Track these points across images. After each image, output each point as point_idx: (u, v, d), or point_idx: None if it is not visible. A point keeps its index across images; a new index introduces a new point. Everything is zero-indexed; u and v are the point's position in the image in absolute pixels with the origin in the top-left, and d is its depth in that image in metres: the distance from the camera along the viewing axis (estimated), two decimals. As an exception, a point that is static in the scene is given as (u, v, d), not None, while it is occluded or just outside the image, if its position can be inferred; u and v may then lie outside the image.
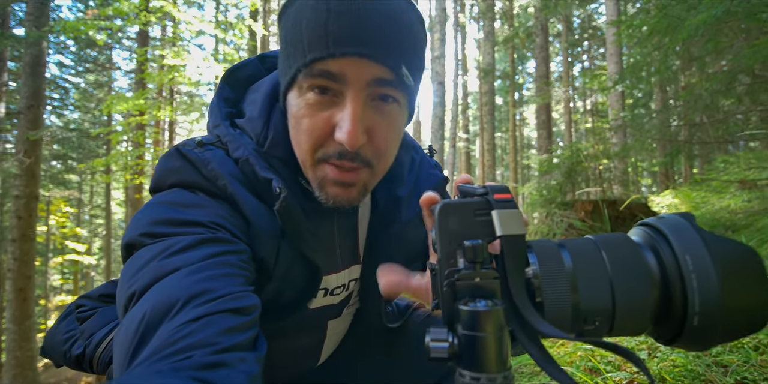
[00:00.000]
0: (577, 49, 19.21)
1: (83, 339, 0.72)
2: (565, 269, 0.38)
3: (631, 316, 0.36)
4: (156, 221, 0.56)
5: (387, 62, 0.55)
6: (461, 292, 0.36)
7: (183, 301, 0.45)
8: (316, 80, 0.56)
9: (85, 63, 16.56)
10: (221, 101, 0.69)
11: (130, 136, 9.13)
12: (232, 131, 0.64)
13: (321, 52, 0.54)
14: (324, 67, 0.55)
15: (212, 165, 0.61)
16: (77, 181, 18.36)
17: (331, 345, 0.86)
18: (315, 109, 0.58)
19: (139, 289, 0.49)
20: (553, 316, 0.37)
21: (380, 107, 0.59)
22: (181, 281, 0.47)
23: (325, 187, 0.62)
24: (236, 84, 0.71)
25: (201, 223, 0.55)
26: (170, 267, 0.49)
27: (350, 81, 0.56)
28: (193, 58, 7.44)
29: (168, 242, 0.53)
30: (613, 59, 8.65)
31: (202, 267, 0.49)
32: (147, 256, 0.52)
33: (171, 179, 0.62)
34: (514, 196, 0.73)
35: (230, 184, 0.60)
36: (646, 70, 4.61)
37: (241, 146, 0.62)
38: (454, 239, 0.39)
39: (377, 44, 0.54)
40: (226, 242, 0.55)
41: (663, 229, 0.38)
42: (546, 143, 10.34)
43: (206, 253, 0.51)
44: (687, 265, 0.35)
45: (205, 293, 0.46)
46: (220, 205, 0.59)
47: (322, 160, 0.60)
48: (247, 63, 0.73)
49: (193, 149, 0.63)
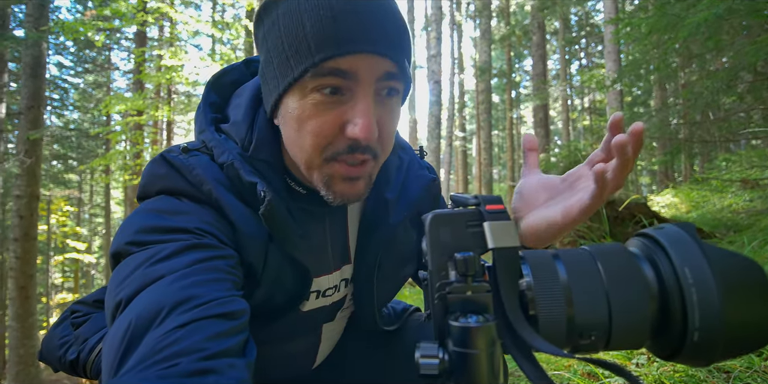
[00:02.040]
0: (574, 46, 19.19)
1: (77, 344, 0.72)
2: (559, 281, 0.36)
3: (629, 330, 0.35)
4: (142, 229, 0.55)
5: (393, 57, 0.57)
6: (452, 306, 0.36)
7: (169, 308, 0.45)
8: (326, 79, 0.56)
9: (84, 63, 16.55)
10: (207, 107, 0.69)
11: (129, 136, 9.11)
12: (216, 136, 0.64)
13: (332, 51, 0.54)
14: (335, 65, 0.55)
15: (197, 171, 0.60)
16: (77, 181, 18.37)
17: (326, 348, 0.86)
18: (321, 109, 0.58)
19: (125, 298, 0.48)
20: (548, 330, 0.36)
21: (384, 101, 0.60)
22: (167, 288, 0.47)
23: (333, 185, 0.61)
24: (222, 89, 0.71)
25: (187, 230, 0.55)
26: (156, 274, 0.49)
27: (361, 78, 0.56)
28: (191, 58, 7.41)
29: (153, 250, 0.52)
30: (611, 57, 8.61)
31: (188, 273, 0.49)
32: (133, 265, 0.52)
33: (157, 186, 0.62)
34: (508, 199, 0.72)
35: (215, 190, 0.59)
36: (645, 68, 4.59)
37: (225, 151, 0.62)
38: (446, 251, 0.38)
39: (383, 40, 0.56)
40: (212, 248, 0.54)
41: (661, 240, 0.36)
42: (543, 142, 10.32)
43: (192, 259, 0.51)
44: (686, 278, 0.34)
45: (191, 299, 0.46)
46: (205, 210, 0.59)
47: (331, 158, 0.60)
48: (232, 68, 0.73)
49: (178, 155, 0.62)
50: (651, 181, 17.55)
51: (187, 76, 7.67)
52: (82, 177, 18.05)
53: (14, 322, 6.28)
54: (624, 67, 5.26)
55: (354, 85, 0.57)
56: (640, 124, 0.49)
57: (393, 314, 0.93)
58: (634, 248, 0.39)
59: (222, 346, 0.43)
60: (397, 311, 0.94)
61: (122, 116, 10.81)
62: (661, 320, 0.35)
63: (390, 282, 0.80)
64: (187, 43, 13.38)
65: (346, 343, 0.90)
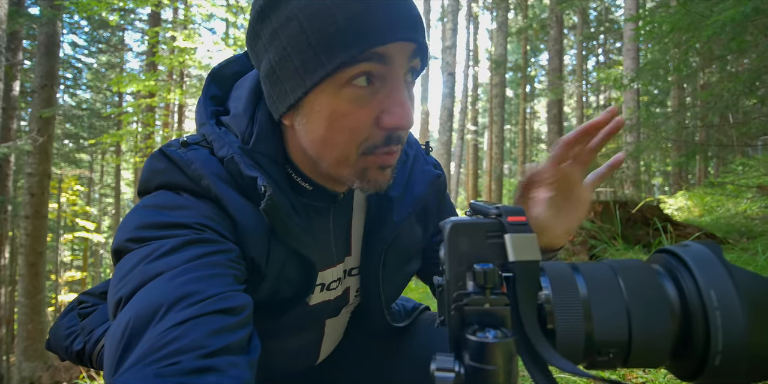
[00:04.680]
0: (592, 42, 18.88)
1: (84, 335, 0.73)
2: (579, 296, 0.36)
3: (648, 349, 0.35)
4: (141, 226, 0.55)
5: (418, 39, 0.57)
6: (469, 318, 0.35)
7: (168, 305, 0.44)
8: (362, 66, 0.55)
9: (98, 43, 16.61)
10: (207, 100, 0.68)
11: (140, 118, 9.16)
12: (216, 130, 0.63)
13: (372, 41, 0.54)
14: (376, 51, 0.55)
15: (195, 165, 0.60)
16: (88, 161, 18.56)
17: (330, 343, 0.86)
18: (357, 105, 0.57)
19: (125, 295, 0.48)
20: (565, 345, 0.35)
21: (409, 85, 0.61)
22: (166, 285, 0.47)
23: (367, 175, 0.61)
24: (223, 81, 0.70)
25: (186, 225, 0.55)
26: (154, 271, 0.49)
27: (396, 63, 0.57)
28: (204, 41, 7.40)
29: (153, 246, 0.52)
30: (629, 55, 8.46)
31: (188, 269, 0.49)
32: (133, 261, 0.51)
33: (156, 181, 0.61)
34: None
35: (214, 184, 0.59)
36: (665, 67, 4.50)
37: (225, 145, 0.61)
38: (464, 261, 0.37)
39: (411, 26, 0.56)
40: (212, 242, 0.54)
41: (686, 259, 0.35)
42: (556, 138, 10.18)
43: (192, 254, 0.51)
44: (711, 300, 0.33)
45: (190, 295, 0.45)
46: (205, 205, 0.59)
47: (369, 152, 0.60)
48: (234, 60, 0.72)
49: (177, 150, 0.62)
50: (663, 182, 17.34)
51: (200, 60, 7.67)
52: (93, 157, 18.23)
53: (23, 298, 6.42)
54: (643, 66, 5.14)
55: (388, 71, 0.57)
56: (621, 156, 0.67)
57: (403, 311, 0.93)
58: (656, 265, 0.38)
59: (223, 343, 0.42)
60: (407, 309, 0.94)
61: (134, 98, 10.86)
62: (682, 341, 0.34)
63: (395, 278, 0.80)
64: (201, 26, 13.33)
65: (352, 339, 0.89)
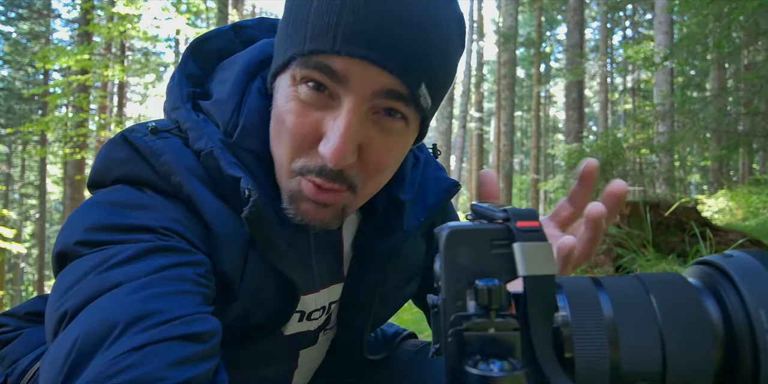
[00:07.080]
0: (618, 13, 19.11)
1: (4, 367, 0.70)
2: (603, 318, 0.36)
3: (686, 380, 0.35)
4: (95, 226, 0.55)
5: (403, 76, 0.54)
6: (470, 345, 0.35)
7: (124, 325, 0.44)
8: (312, 73, 0.56)
9: (17, 8, 16.32)
10: (183, 78, 0.68)
11: (71, 100, 9.05)
12: (194, 116, 0.63)
13: (324, 44, 0.53)
14: (325, 60, 0.54)
15: (165, 157, 0.59)
16: (5, 153, 18.24)
17: (302, 375, 0.86)
18: (305, 107, 0.58)
19: (71, 309, 0.48)
20: (586, 377, 0.36)
21: (382, 122, 0.59)
22: (123, 300, 0.47)
23: (297, 201, 0.61)
24: (203, 58, 0.70)
25: (150, 229, 0.55)
26: (110, 282, 0.48)
27: (352, 86, 0.55)
28: (150, 6, 7.35)
29: (109, 252, 0.52)
30: (662, 28, 8.60)
31: (150, 282, 0.49)
32: (82, 269, 0.51)
33: (114, 173, 0.61)
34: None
35: (186, 182, 0.59)
36: (703, 44, 4.58)
37: (204, 135, 0.61)
38: (464, 275, 0.37)
39: (396, 52, 0.53)
40: (180, 252, 0.54)
41: (730, 272, 0.36)
42: (576, 127, 10.35)
43: (155, 265, 0.51)
44: (761, 322, 0.33)
45: (151, 315, 0.45)
46: (173, 206, 0.59)
47: (299, 173, 0.60)
48: (218, 33, 0.72)
49: (143, 136, 0.61)
50: (701, 179, 17.64)
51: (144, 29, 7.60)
52: (12, 148, 17.92)
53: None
54: (677, 41, 5.23)
55: (343, 91, 0.56)
56: (594, 162, 0.58)
57: (381, 339, 0.94)
58: (694, 279, 0.39)
59: (185, 376, 0.42)
60: (387, 336, 0.94)
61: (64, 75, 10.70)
62: (727, 370, 0.35)
63: (390, 299, 0.80)
64: (147, -11, 13.22)
65: (327, 370, 0.90)
